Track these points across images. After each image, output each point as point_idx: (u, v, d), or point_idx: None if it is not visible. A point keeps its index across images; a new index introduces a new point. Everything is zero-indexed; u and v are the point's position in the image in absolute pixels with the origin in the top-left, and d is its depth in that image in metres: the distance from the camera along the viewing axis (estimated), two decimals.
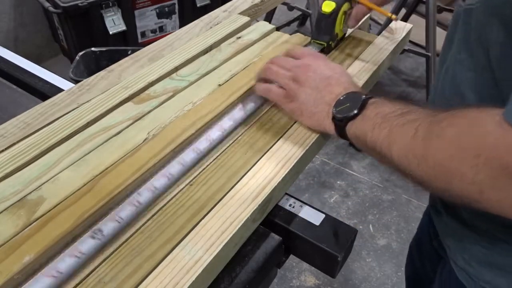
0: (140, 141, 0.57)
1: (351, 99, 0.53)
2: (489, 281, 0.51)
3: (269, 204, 0.53)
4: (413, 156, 0.41)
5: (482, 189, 0.36)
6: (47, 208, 0.48)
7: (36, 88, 0.81)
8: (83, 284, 0.42)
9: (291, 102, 0.59)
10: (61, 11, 1.80)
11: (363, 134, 0.49)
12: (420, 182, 0.43)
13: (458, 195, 0.39)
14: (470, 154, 0.36)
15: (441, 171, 0.39)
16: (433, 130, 0.40)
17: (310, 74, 0.58)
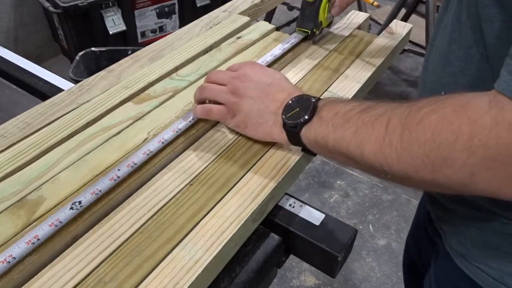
0: (140, 141, 0.57)
1: (300, 103, 0.50)
2: (484, 262, 0.50)
3: (269, 204, 0.53)
4: (391, 150, 0.40)
5: (474, 171, 0.36)
6: (47, 208, 0.48)
7: (36, 88, 0.81)
8: (83, 284, 0.42)
9: (233, 117, 0.56)
10: (61, 11, 1.80)
11: (324, 137, 0.47)
12: (399, 177, 0.41)
13: (445, 181, 0.38)
14: (461, 138, 0.35)
15: (427, 161, 0.37)
16: (413, 119, 0.38)
17: (248, 84, 0.55)
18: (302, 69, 0.72)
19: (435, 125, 0.37)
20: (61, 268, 0.43)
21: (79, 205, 0.47)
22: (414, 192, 1.83)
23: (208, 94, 0.58)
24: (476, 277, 0.52)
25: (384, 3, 3.04)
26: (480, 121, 0.34)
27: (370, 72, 0.71)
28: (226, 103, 0.56)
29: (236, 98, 0.55)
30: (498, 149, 0.34)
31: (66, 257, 0.44)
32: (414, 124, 0.38)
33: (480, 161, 0.35)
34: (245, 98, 0.55)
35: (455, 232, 0.55)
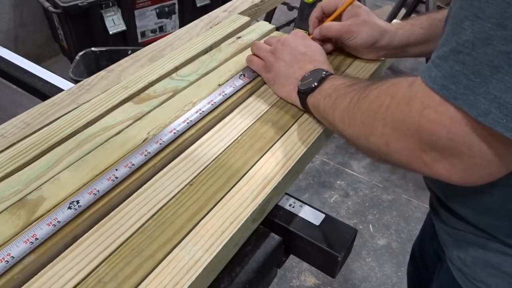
0: (140, 141, 0.57)
1: (314, 74, 0.58)
2: (483, 280, 0.51)
3: (269, 204, 0.53)
4: (347, 117, 0.47)
5: (387, 140, 0.41)
6: (47, 208, 0.48)
7: (36, 88, 0.81)
8: (83, 284, 0.42)
9: (267, 72, 0.65)
10: (61, 11, 1.80)
11: (317, 103, 0.55)
12: (351, 141, 0.49)
13: (373, 149, 0.44)
14: (382, 110, 0.41)
15: (362, 128, 0.44)
16: (363, 93, 0.45)
17: (286, 48, 0.63)
18: None
19: (371, 98, 0.43)
20: (61, 268, 0.43)
21: (77, 205, 0.47)
22: (414, 192, 1.83)
23: (254, 49, 0.68)
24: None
25: (384, 3, 3.04)
26: (396, 96, 0.40)
27: (370, 72, 0.71)
28: (265, 59, 0.66)
29: (273, 57, 0.64)
30: (400, 121, 0.39)
31: (66, 257, 0.44)
32: (362, 97, 0.45)
33: (390, 131, 0.40)
34: (279, 59, 0.63)
35: (456, 248, 0.55)
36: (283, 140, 0.58)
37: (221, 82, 0.68)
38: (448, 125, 0.35)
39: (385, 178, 1.89)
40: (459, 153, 0.36)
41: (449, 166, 0.37)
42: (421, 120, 0.36)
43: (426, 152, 0.38)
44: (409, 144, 0.39)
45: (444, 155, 0.37)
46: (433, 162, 0.38)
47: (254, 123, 0.61)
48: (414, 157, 0.39)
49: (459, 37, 0.33)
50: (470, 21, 0.32)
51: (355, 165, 1.96)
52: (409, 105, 0.37)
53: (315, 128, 0.61)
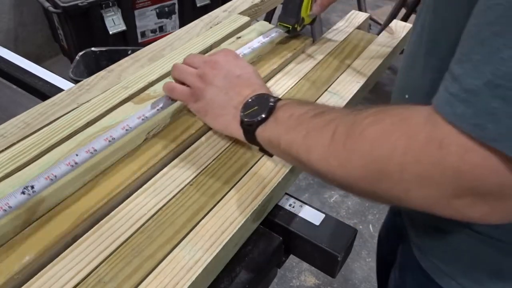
0: (140, 141, 0.57)
1: (259, 101, 0.49)
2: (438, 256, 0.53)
3: (269, 204, 0.53)
4: (334, 159, 0.39)
5: (408, 187, 0.35)
6: (47, 208, 0.48)
7: (36, 88, 0.81)
8: (83, 284, 0.42)
9: (196, 101, 0.56)
10: (61, 11, 1.80)
11: (276, 138, 0.46)
12: (343, 185, 0.40)
13: (384, 195, 0.37)
14: (397, 154, 0.34)
15: (364, 173, 0.37)
16: (356, 129, 0.38)
17: (217, 72, 0.54)
18: (303, 69, 0.72)
19: (374, 137, 0.36)
20: (61, 268, 0.43)
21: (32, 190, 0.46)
22: None
23: (177, 74, 0.58)
24: (430, 270, 0.54)
25: (384, 3, 3.04)
26: (414, 137, 0.34)
27: (370, 72, 0.71)
28: (192, 86, 0.56)
29: (202, 83, 0.55)
30: (429, 167, 0.33)
31: (66, 257, 0.44)
32: (357, 134, 0.37)
33: (413, 177, 0.34)
34: (211, 85, 0.54)
35: (415, 226, 0.56)
36: None
37: None
38: (497, 170, 0.30)
39: None
40: (505, 197, 0.32)
41: (488, 209, 0.33)
42: (462, 166, 0.31)
43: (460, 198, 0.33)
44: (439, 191, 0.33)
45: (485, 200, 0.33)
46: (467, 207, 0.33)
47: None
48: (443, 203, 0.34)
49: (497, 68, 0.29)
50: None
51: None
52: (442, 149, 0.32)
53: None
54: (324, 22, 2.32)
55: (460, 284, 0.51)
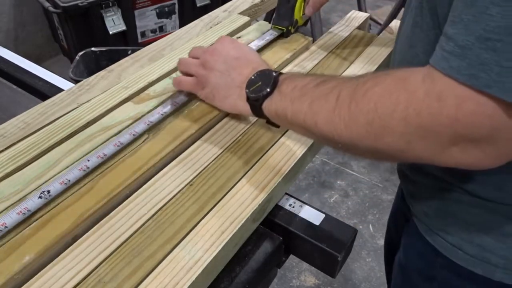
0: (140, 141, 0.57)
1: (262, 77, 0.53)
2: (444, 229, 0.54)
3: (269, 204, 0.53)
4: (340, 121, 0.42)
5: (410, 139, 0.38)
6: (47, 208, 0.48)
7: (36, 88, 0.81)
8: (83, 284, 0.42)
9: (203, 88, 0.59)
10: (61, 11, 1.80)
11: (283, 110, 0.49)
12: (347, 145, 0.44)
13: (387, 149, 0.40)
14: (400, 108, 0.37)
15: (370, 129, 0.40)
16: (359, 91, 0.41)
17: (217, 58, 0.58)
18: (303, 69, 0.72)
19: (377, 96, 0.39)
20: (61, 268, 0.43)
21: (48, 194, 0.48)
22: None
23: (182, 67, 0.63)
24: (437, 244, 0.55)
25: (384, 3, 3.04)
26: (415, 92, 0.37)
27: (370, 72, 0.71)
28: (196, 75, 0.60)
29: (205, 71, 0.58)
30: (429, 118, 0.36)
31: (66, 257, 0.44)
32: (360, 95, 0.41)
33: (414, 129, 0.37)
34: (213, 71, 0.58)
35: (420, 203, 0.58)
36: (283, 140, 0.58)
37: None
38: (491, 114, 0.33)
39: (385, 178, 1.89)
40: (498, 141, 0.35)
41: (481, 154, 0.36)
42: (458, 114, 0.35)
43: (456, 145, 0.36)
44: (438, 139, 0.37)
45: (479, 145, 0.36)
46: (462, 153, 0.37)
47: (254, 123, 0.61)
48: (441, 151, 0.38)
49: (487, 24, 0.32)
50: (499, 7, 0.31)
51: (355, 165, 1.96)
52: (440, 101, 0.35)
53: None
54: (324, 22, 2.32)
55: (467, 253, 0.52)
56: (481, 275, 0.52)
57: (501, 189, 0.48)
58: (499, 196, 0.49)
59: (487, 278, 0.52)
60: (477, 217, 0.51)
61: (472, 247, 0.52)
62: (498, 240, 0.50)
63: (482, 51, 0.32)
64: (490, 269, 0.51)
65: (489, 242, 0.51)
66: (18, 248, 0.44)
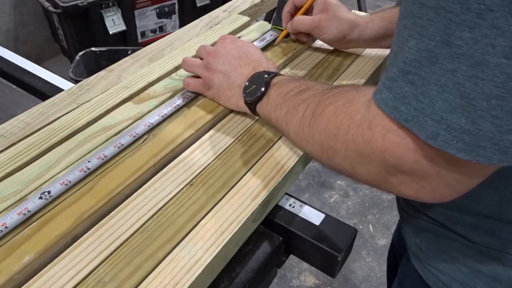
0: (140, 141, 0.57)
1: (256, 80, 0.55)
2: (435, 266, 0.53)
3: (269, 204, 0.53)
4: (303, 134, 0.45)
5: (352, 163, 0.39)
6: (47, 208, 0.48)
7: (36, 88, 0.81)
8: (83, 284, 0.42)
9: (208, 89, 0.62)
10: (61, 11, 1.80)
11: (268, 114, 0.53)
12: (313, 157, 0.47)
13: (338, 168, 0.42)
14: (342, 132, 0.39)
15: (323, 148, 0.42)
16: (319, 108, 0.43)
17: (218, 59, 0.60)
18: (303, 69, 0.72)
19: (328, 115, 0.41)
20: (61, 268, 0.43)
21: (48, 195, 0.48)
22: None
23: (186, 67, 0.65)
24: (429, 280, 0.54)
25: (384, 3, 3.04)
26: (354, 117, 0.38)
27: (371, 71, 0.71)
28: (202, 77, 0.62)
29: (209, 72, 0.61)
30: (363, 145, 0.36)
31: (66, 257, 0.44)
32: (318, 113, 0.42)
33: (353, 154, 0.38)
34: (216, 72, 0.60)
35: (414, 235, 0.57)
36: (283, 140, 0.58)
37: None
38: (412, 148, 0.33)
39: None
40: (427, 175, 0.34)
41: (417, 188, 0.36)
42: (385, 145, 0.35)
43: (393, 175, 0.36)
44: (375, 167, 0.37)
45: (412, 178, 0.35)
46: (401, 184, 0.36)
47: (254, 123, 0.61)
48: (381, 179, 0.38)
49: (406, 56, 0.32)
50: (415, 40, 0.31)
51: None
52: (371, 130, 0.36)
53: None
54: None
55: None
56: None
57: (493, 234, 0.47)
58: (492, 241, 0.47)
59: None
60: (469, 258, 0.49)
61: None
62: (489, 285, 0.49)
63: (403, 84, 0.32)
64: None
65: (480, 286, 0.49)
66: (18, 248, 0.44)
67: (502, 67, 0.28)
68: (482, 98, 0.29)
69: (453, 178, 0.34)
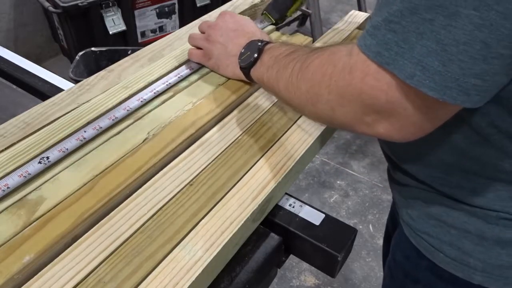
0: (140, 141, 0.57)
1: (250, 48, 0.60)
2: (427, 231, 0.55)
3: (269, 204, 0.53)
4: (291, 87, 0.49)
5: (333, 106, 0.43)
6: (47, 208, 0.48)
7: (36, 88, 0.81)
8: (83, 284, 0.42)
9: (209, 59, 0.68)
10: (61, 11, 1.80)
11: (261, 76, 0.57)
12: (298, 109, 0.52)
13: (320, 115, 0.47)
14: (326, 79, 0.43)
15: (308, 96, 0.46)
16: (306, 62, 0.47)
17: (217, 31, 0.66)
18: None
19: (315, 67, 0.46)
20: (61, 268, 0.43)
21: (47, 160, 0.51)
22: None
23: (191, 41, 0.72)
24: (420, 246, 0.56)
25: None
26: (337, 65, 0.42)
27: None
28: (203, 48, 0.69)
29: (209, 44, 0.67)
30: (344, 88, 0.41)
31: (66, 257, 0.44)
32: (305, 66, 0.47)
33: (334, 97, 0.43)
34: (215, 43, 0.66)
35: (405, 205, 0.58)
36: (283, 140, 0.58)
37: (221, 83, 0.68)
38: (386, 89, 0.38)
39: (385, 178, 1.89)
40: (397, 114, 0.39)
41: (388, 126, 0.41)
42: (363, 87, 0.39)
43: (368, 115, 0.41)
44: (352, 108, 0.42)
45: (384, 117, 0.40)
46: (374, 123, 0.41)
47: (254, 123, 0.61)
48: (357, 119, 0.42)
49: (390, 7, 0.36)
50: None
51: (355, 165, 1.96)
52: (351, 74, 0.40)
53: (315, 128, 0.61)
54: (324, 22, 2.32)
55: (447, 256, 0.53)
56: (461, 278, 0.53)
57: (476, 192, 0.49)
58: (476, 200, 0.49)
59: (467, 281, 0.52)
60: (456, 220, 0.52)
61: (453, 250, 0.52)
62: (476, 243, 0.51)
63: (386, 31, 0.37)
64: (469, 272, 0.52)
65: (468, 245, 0.51)
66: (18, 248, 0.44)
67: (471, 18, 0.32)
68: (453, 44, 0.33)
69: (418, 117, 0.39)
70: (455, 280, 0.53)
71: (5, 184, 0.48)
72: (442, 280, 0.55)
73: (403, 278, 0.62)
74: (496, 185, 0.48)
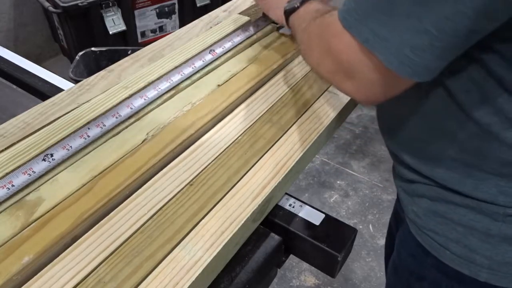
0: (139, 142, 0.57)
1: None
2: (432, 229, 0.55)
3: (269, 204, 0.53)
4: (300, 40, 0.57)
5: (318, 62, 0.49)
6: (46, 209, 0.48)
7: (36, 88, 0.81)
8: (83, 284, 0.42)
9: (262, 1, 0.78)
10: (61, 11, 1.80)
11: (293, 24, 0.63)
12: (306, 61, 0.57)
13: (312, 65, 0.53)
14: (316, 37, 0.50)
15: (306, 48, 0.53)
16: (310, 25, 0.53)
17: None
18: (303, 69, 0.72)
19: (313, 28, 0.52)
20: (61, 268, 0.43)
21: (51, 158, 0.51)
22: None
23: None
24: (426, 244, 0.56)
25: None
26: (328, 27, 0.47)
27: None
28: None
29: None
30: (322, 46, 0.47)
31: (66, 257, 0.44)
32: (309, 26, 0.53)
33: (318, 53, 0.49)
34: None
35: (410, 202, 0.58)
36: (283, 140, 0.58)
37: (220, 83, 0.68)
38: (346, 51, 0.43)
39: (385, 178, 1.89)
40: (356, 75, 0.44)
41: (350, 85, 0.46)
42: (333, 47, 0.45)
43: (338, 73, 0.46)
44: (327, 64, 0.47)
45: (347, 76, 0.45)
46: (342, 82, 0.46)
47: (254, 123, 0.61)
48: (332, 76, 0.48)
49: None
50: None
51: (355, 165, 1.96)
52: (331, 35, 0.45)
53: (315, 128, 0.61)
54: None
55: (454, 254, 0.53)
56: (468, 275, 0.53)
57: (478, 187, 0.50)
58: (480, 194, 0.50)
59: (473, 278, 0.52)
60: (462, 217, 0.52)
61: (459, 247, 0.53)
62: (483, 240, 0.51)
63: (352, 1, 0.42)
64: (476, 269, 0.52)
65: (474, 243, 0.51)
66: (17, 249, 0.44)
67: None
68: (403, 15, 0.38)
69: (373, 79, 0.43)
70: (461, 278, 0.53)
71: (10, 182, 0.49)
72: (448, 278, 0.55)
73: (408, 276, 0.62)
74: (497, 180, 0.48)
